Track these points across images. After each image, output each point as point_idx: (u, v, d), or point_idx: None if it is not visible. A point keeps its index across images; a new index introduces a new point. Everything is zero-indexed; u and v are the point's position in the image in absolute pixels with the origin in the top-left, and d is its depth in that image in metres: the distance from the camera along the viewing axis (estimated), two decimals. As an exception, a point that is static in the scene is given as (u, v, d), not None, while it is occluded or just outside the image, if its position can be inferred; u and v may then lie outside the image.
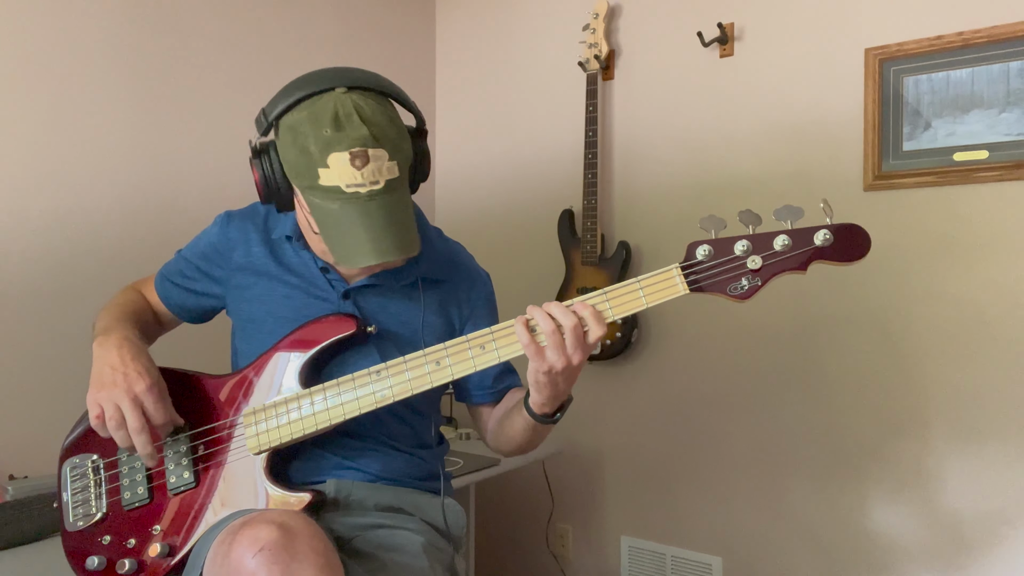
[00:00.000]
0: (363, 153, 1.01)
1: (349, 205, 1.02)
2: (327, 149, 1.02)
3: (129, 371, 1.08)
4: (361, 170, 1.01)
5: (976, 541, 1.87)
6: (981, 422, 1.85)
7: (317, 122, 1.03)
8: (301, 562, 0.88)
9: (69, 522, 1.15)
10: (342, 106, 1.04)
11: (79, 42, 1.85)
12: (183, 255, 1.32)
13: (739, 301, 1.01)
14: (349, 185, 1.02)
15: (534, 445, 1.20)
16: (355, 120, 1.03)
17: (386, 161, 1.03)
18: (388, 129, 1.05)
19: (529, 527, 2.59)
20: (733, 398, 2.21)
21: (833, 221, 0.98)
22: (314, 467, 1.16)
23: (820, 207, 0.99)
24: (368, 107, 1.05)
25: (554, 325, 1.00)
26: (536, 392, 1.07)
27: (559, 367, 1.02)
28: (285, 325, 1.17)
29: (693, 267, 1.02)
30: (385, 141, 1.04)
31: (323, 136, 1.02)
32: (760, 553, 2.17)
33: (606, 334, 1.02)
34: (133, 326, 1.20)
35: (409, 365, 1.09)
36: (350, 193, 1.02)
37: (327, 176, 1.02)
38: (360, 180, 1.02)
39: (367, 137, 1.02)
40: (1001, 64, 1.80)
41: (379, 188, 1.03)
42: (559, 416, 1.12)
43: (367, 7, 2.57)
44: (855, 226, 0.98)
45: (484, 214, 2.70)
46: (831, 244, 0.98)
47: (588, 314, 1.01)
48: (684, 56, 2.27)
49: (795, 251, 0.99)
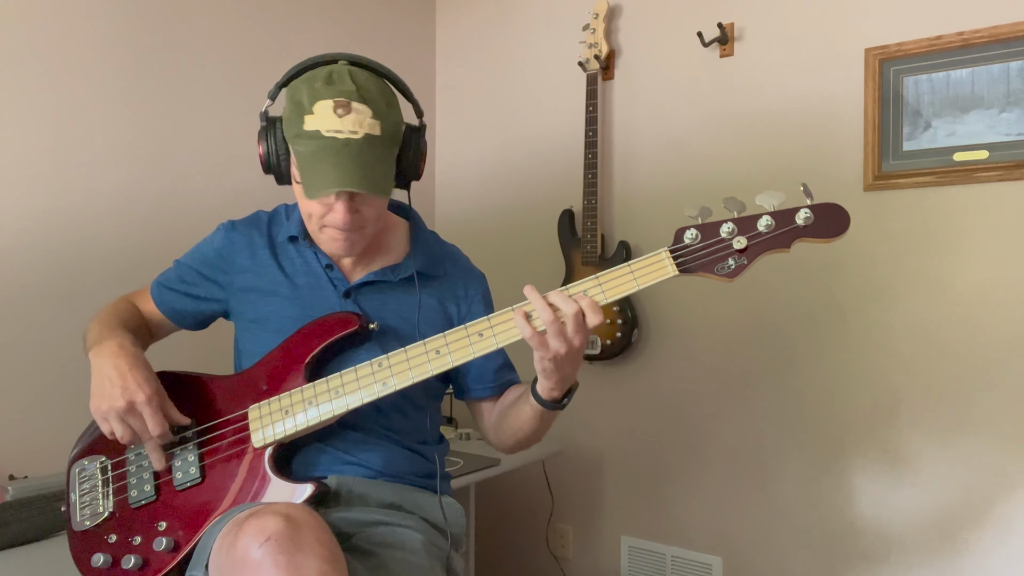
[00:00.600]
0: (346, 104, 1.07)
1: (325, 146, 1.07)
2: (314, 98, 1.08)
3: (128, 383, 1.10)
4: (342, 118, 1.06)
5: (973, 535, 1.87)
6: (980, 423, 1.86)
7: (312, 78, 1.10)
8: (306, 553, 0.88)
9: (76, 522, 1.17)
10: (338, 69, 1.11)
11: (78, 42, 1.84)
12: (182, 262, 1.33)
13: (727, 280, 1.06)
14: (328, 130, 1.06)
15: (538, 437, 1.22)
16: (346, 79, 1.09)
17: (368, 117, 1.08)
18: (377, 96, 1.11)
19: (529, 527, 2.59)
20: (733, 398, 2.21)
21: (813, 202, 1.03)
22: (316, 462, 1.17)
23: (800, 189, 1.04)
24: (362, 76, 1.12)
25: (553, 315, 1.03)
26: (544, 378, 1.10)
27: (562, 352, 1.04)
28: (289, 325, 1.20)
29: (681, 250, 1.07)
30: (371, 102, 1.09)
31: (314, 88, 1.09)
32: (760, 553, 2.17)
33: (603, 319, 1.05)
34: (127, 333, 1.21)
35: (409, 354, 1.11)
36: (327, 137, 1.06)
37: (311, 121, 1.07)
38: (339, 127, 1.06)
39: (353, 92, 1.08)
40: (1001, 64, 1.80)
41: (357, 137, 1.07)
42: (566, 401, 1.14)
43: (367, 7, 2.57)
44: (835, 204, 1.03)
45: (484, 214, 2.70)
46: (812, 223, 1.03)
47: (586, 304, 1.04)
48: (684, 56, 2.27)
49: (778, 230, 1.04)
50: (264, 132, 1.17)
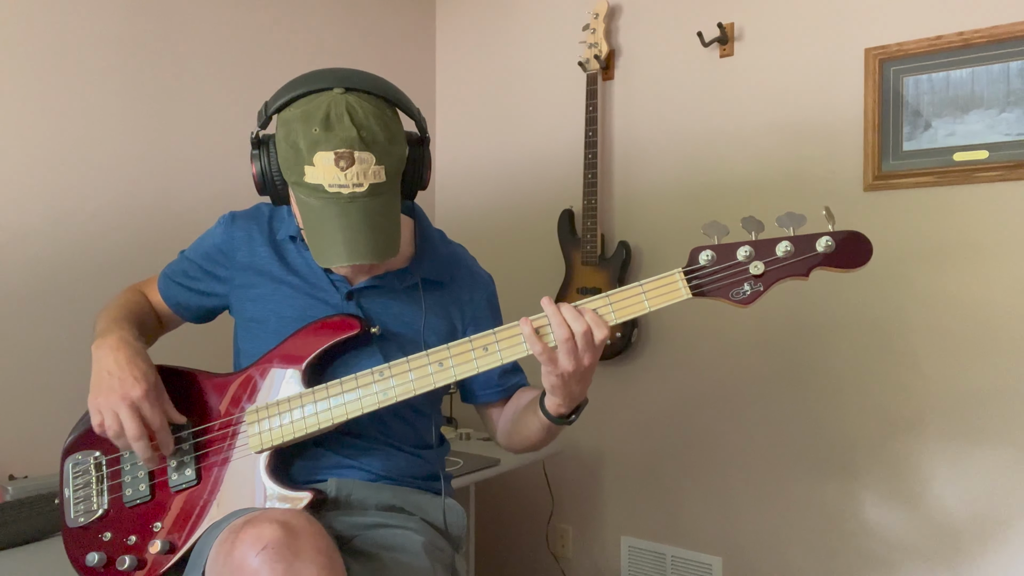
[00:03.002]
0: (348, 155, 1.02)
1: (329, 204, 1.04)
2: (314, 148, 1.02)
3: (125, 376, 1.09)
4: (345, 171, 1.02)
5: (973, 540, 1.87)
6: (980, 422, 1.86)
7: (308, 120, 1.04)
8: (304, 561, 0.87)
9: (70, 518, 1.15)
10: (335, 106, 1.04)
11: (78, 42, 1.84)
12: (186, 255, 1.32)
13: (741, 307, 1.03)
14: (331, 185, 1.03)
15: (546, 443, 1.22)
16: (345, 122, 1.03)
17: (372, 165, 1.04)
18: (379, 134, 1.05)
19: (529, 527, 2.59)
20: (733, 398, 2.21)
21: (835, 227, 0.99)
22: (315, 466, 1.17)
23: (822, 214, 1.00)
24: (362, 110, 1.05)
25: (568, 333, 1.01)
26: (551, 395, 1.09)
27: (570, 370, 1.03)
28: (289, 325, 1.18)
29: (696, 272, 1.03)
30: (373, 145, 1.04)
31: (311, 135, 1.03)
32: (760, 553, 2.17)
33: (608, 334, 1.03)
34: (131, 326, 1.20)
35: (412, 365, 1.10)
36: (332, 193, 1.03)
37: (312, 174, 1.03)
38: (343, 181, 1.02)
39: (355, 139, 1.03)
40: (1001, 64, 1.80)
41: (361, 191, 1.03)
42: (574, 418, 1.13)
43: (367, 8, 2.57)
44: (858, 233, 0.99)
45: (484, 214, 2.70)
46: (833, 251, 0.99)
47: (590, 318, 1.02)
48: (684, 56, 2.27)
49: (797, 257, 1.00)
50: (258, 156, 1.13)
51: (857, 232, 0.99)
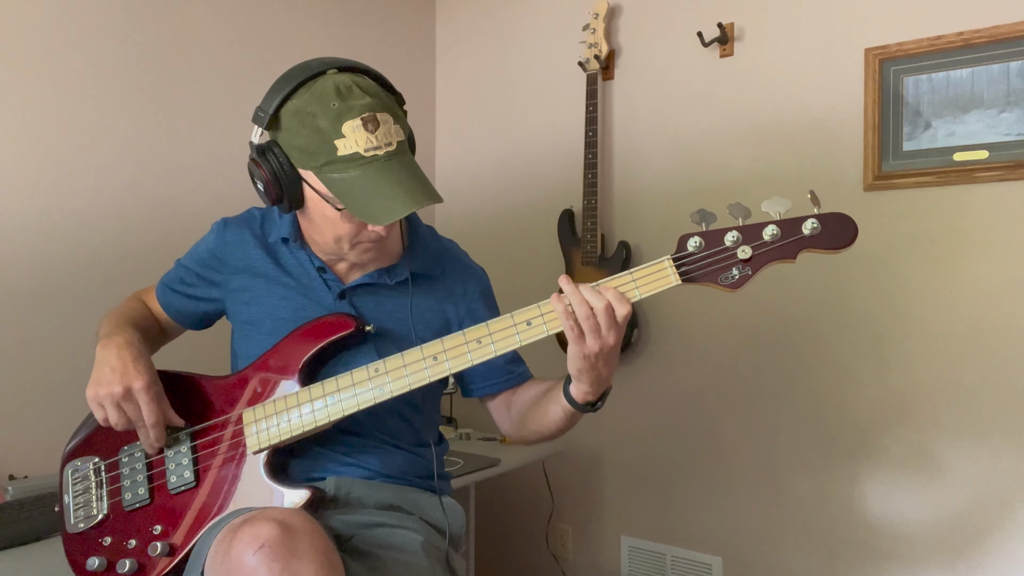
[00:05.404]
0: (372, 118, 1.05)
1: (371, 168, 1.05)
2: (339, 120, 1.04)
3: (128, 371, 1.10)
4: (374, 133, 1.05)
5: (974, 540, 1.87)
6: (979, 420, 1.86)
7: (322, 99, 1.06)
8: (301, 559, 0.88)
9: (70, 524, 1.16)
10: (340, 82, 1.07)
11: (77, 42, 1.85)
12: (182, 263, 1.33)
13: (730, 291, 1.04)
14: (368, 149, 1.05)
15: (564, 432, 1.20)
16: (356, 91, 1.06)
17: (392, 124, 1.08)
18: (385, 99, 1.10)
19: (529, 527, 2.59)
20: (733, 397, 2.21)
21: (820, 211, 1.00)
22: (314, 464, 1.17)
23: (807, 198, 1.01)
24: (363, 81, 1.09)
25: (588, 310, 1.01)
26: (579, 381, 1.08)
27: (596, 350, 1.03)
28: (283, 326, 1.19)
29: (684, 258, 1.05)
30: (386, 108, 1.08)
31: (332, 109, 1.05)
32: (760, 553, 2.17)
33: (630, 310, 1.03)
34: (136, 331, 1.21)
35: (406, 361, 1.10)
36: (369, 156, 1.05)
37: (344, 145, 1.05)
38: (376, 143, 1.05)
39: (372, 103, 1.06)
40: (1001, 64, 1.80)
41: (394, 149, 1.07)
42: (600, 404, 1.13)
43: (367, 7, 2.57)
44: (842, 214, 1.00)
45: (484, 214, 2.70)
46: (819, 233, 1.00)
47: (612, 295, 1.02)
48: (684, 56, 2.27)
49: (784, 240, 1.02)
50: (263, 162, 1.10)
51: (842, 214, 1.00)
